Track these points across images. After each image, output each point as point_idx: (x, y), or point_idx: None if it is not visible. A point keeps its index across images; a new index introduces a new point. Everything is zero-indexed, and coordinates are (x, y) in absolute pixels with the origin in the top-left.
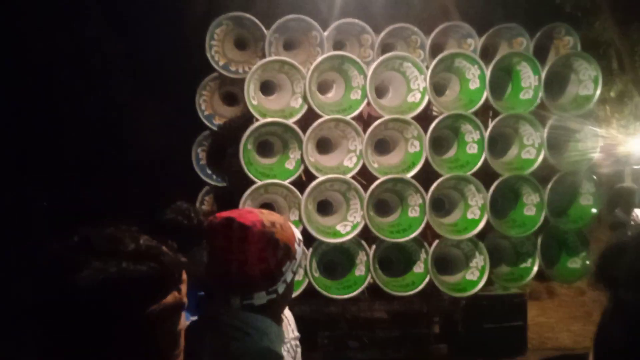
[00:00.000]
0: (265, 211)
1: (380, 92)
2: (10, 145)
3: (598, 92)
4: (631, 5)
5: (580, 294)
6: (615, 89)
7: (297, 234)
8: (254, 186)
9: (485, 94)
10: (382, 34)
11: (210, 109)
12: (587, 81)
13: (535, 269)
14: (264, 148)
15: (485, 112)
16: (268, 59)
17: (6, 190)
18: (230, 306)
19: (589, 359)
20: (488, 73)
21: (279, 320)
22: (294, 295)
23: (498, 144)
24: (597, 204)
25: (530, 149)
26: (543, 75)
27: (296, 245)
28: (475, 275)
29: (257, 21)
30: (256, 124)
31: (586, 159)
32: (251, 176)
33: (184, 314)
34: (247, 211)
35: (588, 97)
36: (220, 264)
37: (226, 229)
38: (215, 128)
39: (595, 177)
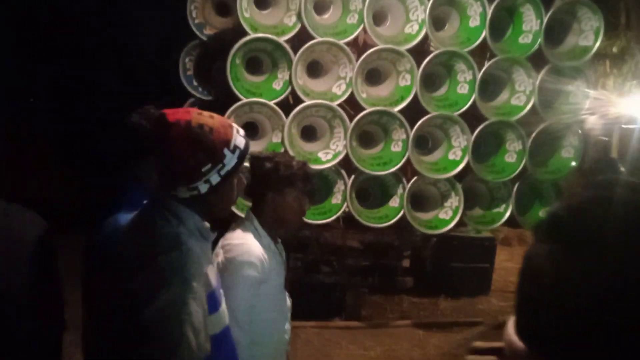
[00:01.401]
0: (207, 113)
1: (379, 19)
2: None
3: (598, 44)
4: None
5: None
6: (619, 44)
7: (237, 141)
8: (238, 103)
9: (484, 33)
10: None
11: (201, 17)
12: (589, 32)
13: (507, 214)
14: (253, 65)
15: (483, 52)
16: None
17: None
18: (160, 196)
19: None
20: (490, 12)
21: (206, 217)
22: None
23: (490, 86)
24: (578, 157)
25: (521, 95)
26: (545, 20)
27: (226, 151)
28: (448, 214)
29: None
30: (245, 38)
31: (574, 112)
32: (237, 92)
33: None
34: (185, 111)
35: (587, 48)
36: (152, 157)
37: (156, 124)
38: (204, 38)
39: (580, 131)
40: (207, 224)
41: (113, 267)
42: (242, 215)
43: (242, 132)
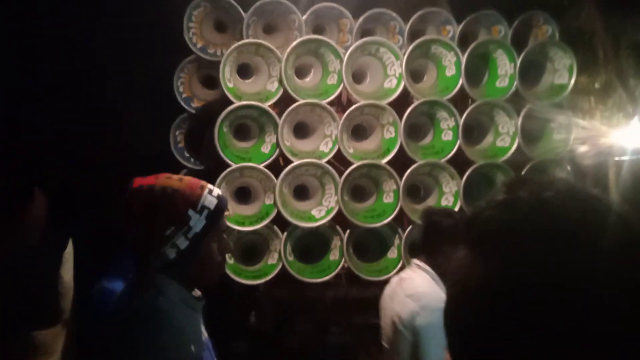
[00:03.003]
0: (177, 176)
1: (358, 77)
2: None
3: (572, 80)
4: None
5: None
6: (600, 80)
7: (207, 202)
8: (228, 169)
9: (460, 81)
10: (361, 18)
11: (188, 91)
12: (562, 70)
13: None
14: (241, 132)
15: (465, 100)
16: (243, 41)
17: None
18: (140, 266)
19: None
20: (464, 60)
21: (191, 285)
22: (269, 278)
23: (475, 131)
24: None
25: (505, 137)
26: (518, 63)
27: (191, 212)
28: None
29: (234, 3)
30: (231, 107)
31: (559, 148)
32: (226, 159)
33: None
34: (155, 176)
35: (563, 85)
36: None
37: (122, 192)
38: (193, 111)
39: (569, 167)
40: (196, 292)
41: (97, 340)
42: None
43: (216, 192)
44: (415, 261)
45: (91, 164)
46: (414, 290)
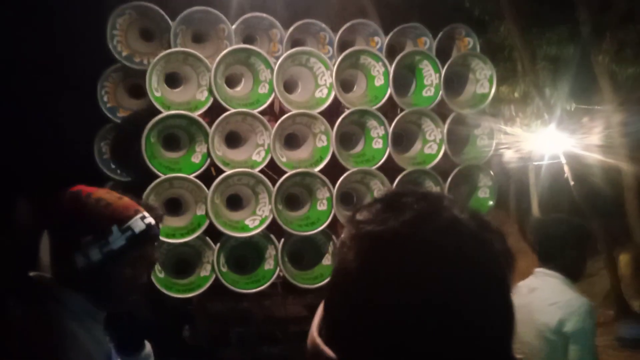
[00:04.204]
0: (117, 195)
1: (290, 87)
2: None
3: (493, 90)
4: (532, 12)
5: None
6: (519, 90)
7: (134, 224)
8: (157, 180)
9: (389, 91)
10: (290, 29)
11: (113, 101)
12: (484, 80)
13: None
14: (170, 142)
15: (394, 109)
16: (170, 50)
17: None
18: (49, 270)
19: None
20: (392, 70)
21: (96, 302)
22: (202, 291)
23: (404, 139)
24: (493, 196)
25: (432, 144)
26: (443, 73)
27: (115, 228)
28: None
29: (161, 12)
30: (158, 117)
31: (483, 154)
32: (154, 170)
33: None
34: (98, 188)
35: (484, 95)
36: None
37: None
38: (118, 121)
39: (491, 172)
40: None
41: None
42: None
43: (149, 220)
44: (541, 269)
45: (11, 174)
46: (556, 298)
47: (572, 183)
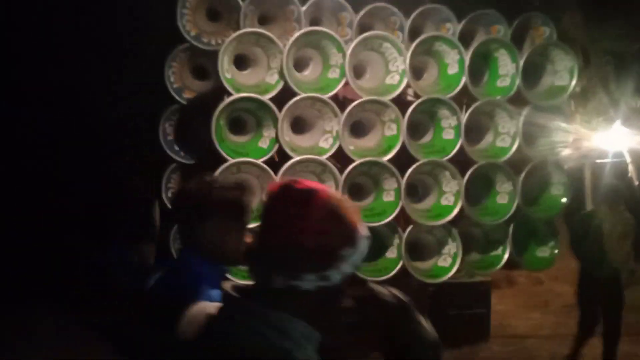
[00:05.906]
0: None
1: (358, 72)
2: None
3: (573, 82)
4: (596, 4)
5: (538, 283)
6: (580, 84)
7: (364, 229)
8: (225, 164)
9: (463, 80)
10: (361, 12)
11: (179, 81)
12: (563, 72)
13: (506, 256)
14: (236, 125)
15: (460, 98)
16: (244, 30)
17: None
18: (268, 288)
19: None
20: (467, 58)
21: (313, 319)
22: None
23: (472, 131)
24: (567, 193)
25: (505, 137)
26: (521, 63)
27: (359, 235)
28: (448, 262)
29: None
30: (230, 99)
31: (557, 149)
32: (223, 153)
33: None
34: (309, 181)
35: (563, 87)
36: (270, 232)
37: (285, 192)
38: (184, 102)
39: (565, 167)
40: None
41: None
42: None
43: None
44: None
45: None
46: None
47: (637, 183)
